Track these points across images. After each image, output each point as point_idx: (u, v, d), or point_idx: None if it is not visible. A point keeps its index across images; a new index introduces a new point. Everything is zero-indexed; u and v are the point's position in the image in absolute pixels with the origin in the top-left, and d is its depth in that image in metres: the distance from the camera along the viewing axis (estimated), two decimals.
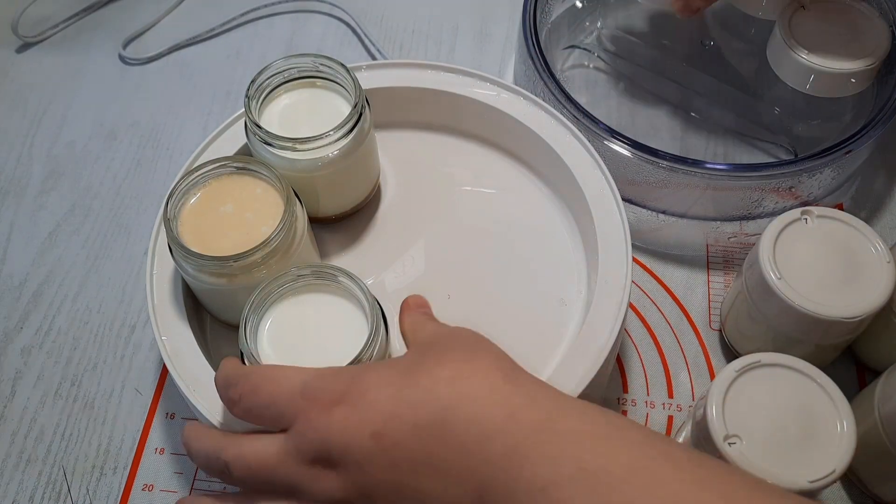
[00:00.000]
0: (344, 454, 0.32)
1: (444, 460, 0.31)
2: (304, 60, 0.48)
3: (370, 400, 0.33)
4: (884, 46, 0.53)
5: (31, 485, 0.49)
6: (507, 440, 0.30)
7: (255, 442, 0.35)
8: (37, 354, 0.54)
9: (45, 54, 0.71)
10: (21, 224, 0.61)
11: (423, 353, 0.35)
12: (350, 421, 0.32)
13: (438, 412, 0.31)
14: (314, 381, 0.34)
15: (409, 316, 0.40)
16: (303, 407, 0.34)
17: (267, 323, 0.41)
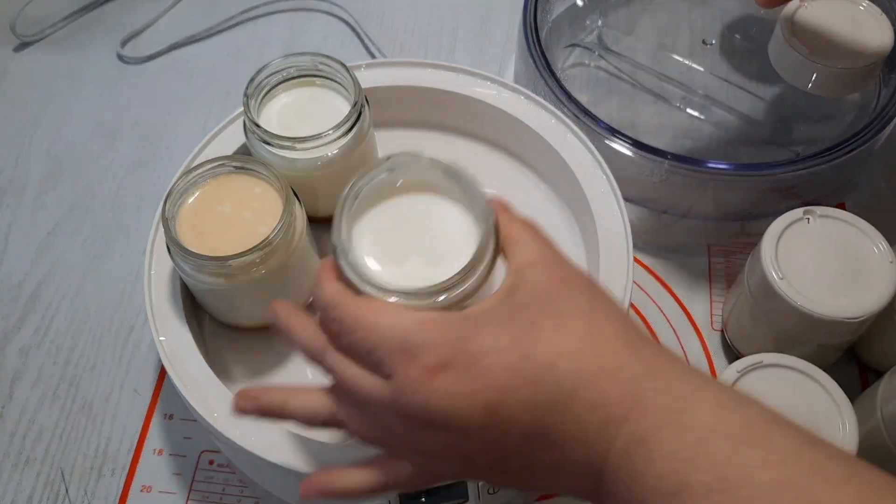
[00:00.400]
0: (447, 421, 0.30)
1: (561, 439, 0.29)
2: (304, 59, 0.48)
3: (483, 368, 0.29)
4: (886, 45, 0.53)
5: (29, 486, 0.49)
6: (634, 430, 0.28)
7: (358, 372, 0.32)
8: (35, 355, 0.54)
9: (44, 53, 0.70)
10: (20, 224, 0.60)
11: (540, 307, 0.31)
12: (459, 389, 0.29)
13: (559, 392, 0.29)
14: (417, 335, 0.30)
15: (513, 222, 0.35)
16: (403, 363, 0.30)
17: (364, 219, 0.36)
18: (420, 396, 0.30)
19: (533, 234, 0.34)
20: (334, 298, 0.33)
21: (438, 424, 0.30)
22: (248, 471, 0.43)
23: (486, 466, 0.31)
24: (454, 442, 0.30)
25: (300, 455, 0.39)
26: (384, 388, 0.31)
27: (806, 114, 0.59)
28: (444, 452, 0.31)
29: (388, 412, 0.31)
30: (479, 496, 0.41)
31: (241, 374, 0.46)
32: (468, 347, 0.30)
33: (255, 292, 0.44)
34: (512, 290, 0.32)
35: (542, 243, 0.34)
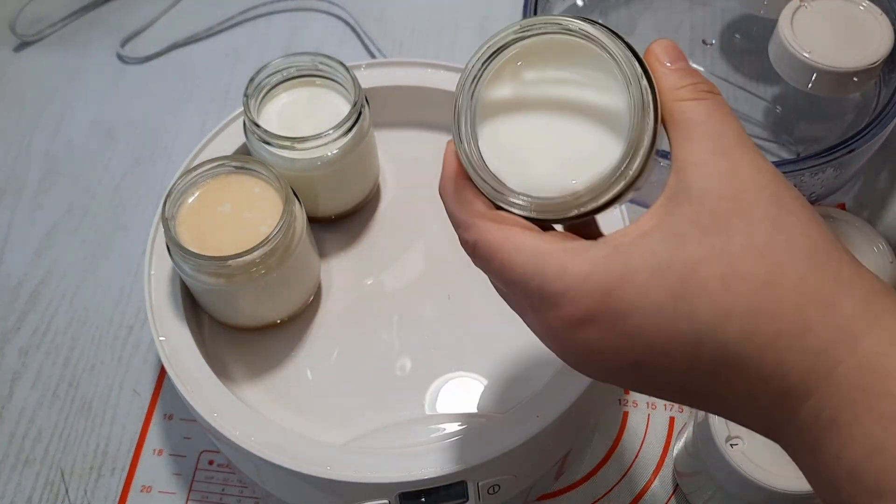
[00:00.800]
0: (594, 367, 0.27)
1: (728, 402, 0.25)
2: (303, 59, 0.47)
3: (632, 326, 0.25)
4: (886, 45, 0.53)
5: (28, 486, 0.49)
6: (821, 409, 0.23)
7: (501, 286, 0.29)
8: (34, 355, 0.54)
9: (43, 53, 0.70)
10: (18, 224, 0.60)
11: (705, 240, 0.24)
12: (603, 346, 0.25)
13: (725, 358, 0.24)
14: (555, 282, 0.26)
15: (679, 88, 0.27)
16: (541, 309, 0.26)
17: (487, 111, 0.30)
18: (563, 346, 0.27)
19: (709, 108, 0.26)
20: (463, 217, 0.29)
21: (587, 365, 0.27)
22: (248, 471, 0.43)
23: (636, 388, 0.28)
24: (602, 375, 0.27)
25: (300, 455, 0.39)
26: (525, 314, 0.28)
27: (806, 114, 0.59)
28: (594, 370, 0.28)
29: (533, 326, 0.28)
30: (478, 496, 0.41)
31: (241, 374, 0.46)
32: (614, 301, 0.25)
33: (254, 292, 0.44)
34: (673, 204, 0.25)
35: (719, 123, 0.26)
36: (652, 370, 0.25)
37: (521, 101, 0.29)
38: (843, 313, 0.23)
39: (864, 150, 0.52)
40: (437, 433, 0.44)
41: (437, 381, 0.46)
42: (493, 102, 0.30)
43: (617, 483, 0.48)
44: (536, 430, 0.39)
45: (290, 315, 0.48)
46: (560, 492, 0.48)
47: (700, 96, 0.26)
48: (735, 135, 0.26)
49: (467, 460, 0.39)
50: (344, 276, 0.50)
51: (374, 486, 0.39)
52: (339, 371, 0.46)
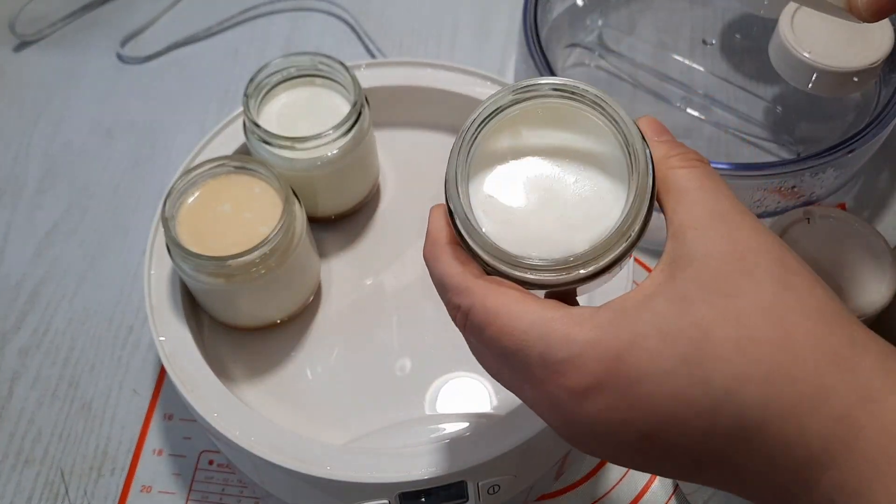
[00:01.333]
0: (598, 441, 0.25)
1: (742, 471, 0.24)
2: (303, 59, 0.47)
3: (641, 395, 0.24)
4: (887, 45, 0.53)
5: (28, 486, 0.49)
6: (845, 478, 0.22)
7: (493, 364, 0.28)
8: (34, 355, 0.54)
9: (43, 53, 0.70)
10: (18, 224, 0.60)
11: (713, 303, 0.23)
12: (610, 416, 0.24)
13: (743, 423, 0.23)
14: (562, 348, 0.24)
15: (672, 157, 0.27)
16: (544, 379, 0.25)
17: (481, 171, 0.29)
18: (566, 419, 0.25)
19: (700, 175, 0.26)
20: (455, 281, 0.27)
21: (589, 440, 0.26)
22: (248, 471, 0.43)
23: (642, 467, 0.26)
24: (604, 452, 0.26)
25: (300, 455, 0.39)
26: (522, 388, 0.27)
27: (806, 114, 0.59)
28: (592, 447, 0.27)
29: (530, 401, 0.27)
30: (478, 496, 0.41)
31: (241, 374, 0.46)
32: (624, 367, 0.24)
33: (254, 292, 0.44)
34: (675, 268, 0.25)
35: (712, 190, 0.26)
36: (663, 442, 0.24)
37: (515, 163, 0.29)
38: (862, 375, 0.22)
39: (865, 150, 0.52)
40: (437, 433, 0.44)
41: (437, 381, 0.46)
42: (487, 162, 0.29)
43: (617, 483, 0.48)
44: (536, 430, 0.39)
45: (290, 315, 0.48)
46: (560, 492, 0.48)
47: (691, 164, 0.26)
48: (729, 200, 0.26)
49: (467, 460, 0.39)
50: (344, 276, 0.50)
51: (374, 486, 0.39)
52: (339, 371, 0.46)
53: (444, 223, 0.28)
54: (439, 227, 0.28)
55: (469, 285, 0.27)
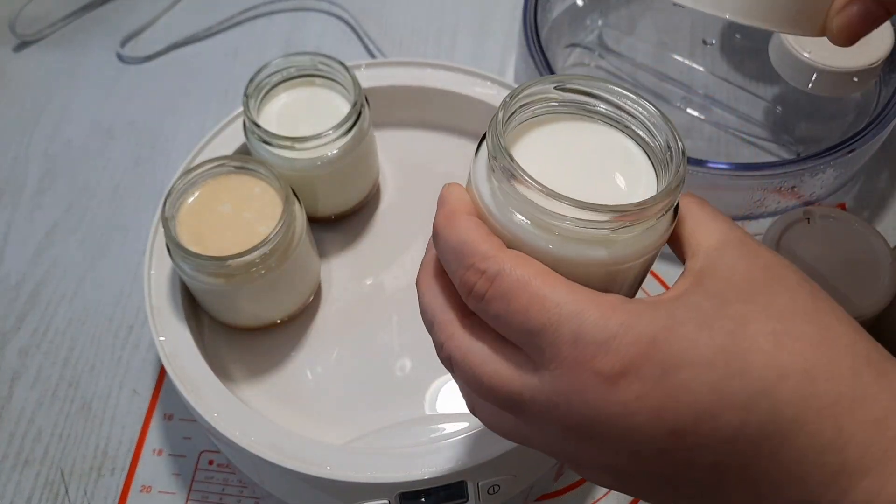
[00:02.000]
0: (620, 441, 0.24)
1: (768, 478, 0.23)
2: (303, 59, 0.47)
3: (678, 383, 0.22)
4: (887, 45, 0.53)
5: (28, 486, 0.49)
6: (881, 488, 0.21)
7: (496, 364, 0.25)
8: (34, 355, 0.54)
9: (43, 53, 0.70)
10: (18, 224, 0.60)
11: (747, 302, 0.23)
12: (642, 405, 0.23)
13: (777, 423, 0.22)
14: (596, 327, 0.23)
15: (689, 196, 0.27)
16: (573, 362, 0.23)
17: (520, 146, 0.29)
18: (590, 409, 0.23)
19: (713, 210, 0.27)
20: (484, 247, 0.25)
21: (606, 442, 0.24)
22: (248, 471, 0.43)
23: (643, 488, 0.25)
24: (617, 461, 0.24)
25: (300, 455, 0.39)
26: (536, 387, 0.24)
27: (806, 114, 0.59)
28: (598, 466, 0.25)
29: (538, 415, 0.25)
30: (478, 496, 0.41)
31: (241, 374, 0.46)
32: (660, 352, 0.23)
33: (254, 292, 0.44)
34: (703, 276, 0.24)
35: (724, 222, 0.26)
36: (692, 441, 0.23)
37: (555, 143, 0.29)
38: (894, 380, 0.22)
39: (865, 150, 0.52)
40: (437, 433, 0.44)
41: (437, 381, 0.46)
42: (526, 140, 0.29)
43: None
44: None
45: (290, 315, 0.48)
46: (560, 492, 0.48)
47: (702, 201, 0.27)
48: (744, 232, 0.26)
49: (467, 460, 0.39)
50: (344, 276, 0.50)
51: (374, 486, 0.39)
52: (339, 371, 0.46)
53: (463, 194, 0.27)
54: (458, 198, 0.27)
55: (498, 252, 0.25)
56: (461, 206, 0.27)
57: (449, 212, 0.27)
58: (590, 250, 0.25)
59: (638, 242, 0.26)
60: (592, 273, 0.26)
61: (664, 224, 0.27)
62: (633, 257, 0.26)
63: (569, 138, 0.29)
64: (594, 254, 0.25)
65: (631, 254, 0.26)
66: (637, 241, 0.26)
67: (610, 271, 0.26)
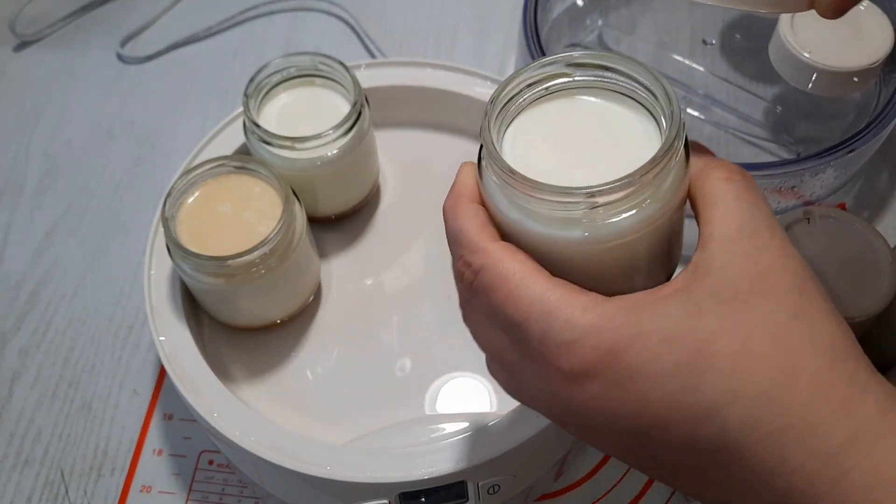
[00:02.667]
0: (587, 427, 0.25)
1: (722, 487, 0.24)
2: (303, 59, 0.47)
3: (635, 392, 0.23)
4: (887, 45, 0.53)
5: (28, 486, 0.49)
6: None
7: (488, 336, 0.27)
8: (34, 355, 0.54)
9: (43, 53, 0.70)
10: (18, 223, 0.60)
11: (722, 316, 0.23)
12: (600, 405, 0.24)
13: (725, 442, 0.23)
14: (562, 329, 0.24)
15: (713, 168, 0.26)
16: (539, 355, 0.25)
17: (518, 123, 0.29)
18: (558, 398, 0.25)
19: (738, 189, 0.26)
20: (474, 238, 0.27)
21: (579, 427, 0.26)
22: (248, 471, 0.43)
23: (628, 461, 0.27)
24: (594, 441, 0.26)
25: (300, 455, 0.39)
26: (521, 366, 0.26)
27: (806, 114, 0.59)
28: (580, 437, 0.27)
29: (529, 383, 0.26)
30: (478, 496, 0.41)
31: (241, 374, 0.46)
32: (621, 361, 0.23)
33: (254, 292, 0.44)
34: (694, 276, 0.24)
35: (748, 204, 0.25)
36: (650, 443, 0.24)
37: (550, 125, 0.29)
38: (858, 416, 0.22)
39: (865, 150, 0.52)
40: (437, 433, 0.44)
41: (437, 381, 0.46)
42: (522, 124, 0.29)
43: (617, 483, 0.48)
44: (536, 430, 0.39)
45: (290, 315, 0.48)
46: (560, 492, 0.48)
47: (731, 177, 0.26)
48: (764, 217, 0.25)
49: (467, 460, 0.39)
50: (344, 276, 0.50)
51: (374, 486, 0.39)
52: (339, 371, 0.46)
53: (472, 179, 0.28)
54: (465, 182, 0.28)
55: (486, 245, 0.26)
56: (466, 190, 0.28)
57: (454, 196, 0.28)
58: (575, 232, 0.26)
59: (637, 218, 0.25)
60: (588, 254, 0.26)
61: (665, 197, 0.26)
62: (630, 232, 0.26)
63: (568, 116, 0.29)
64: (580, 235, 0.26)
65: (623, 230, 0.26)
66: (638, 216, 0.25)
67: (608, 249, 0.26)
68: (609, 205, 0.25)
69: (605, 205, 0.25)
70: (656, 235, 0.27)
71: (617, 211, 0.25)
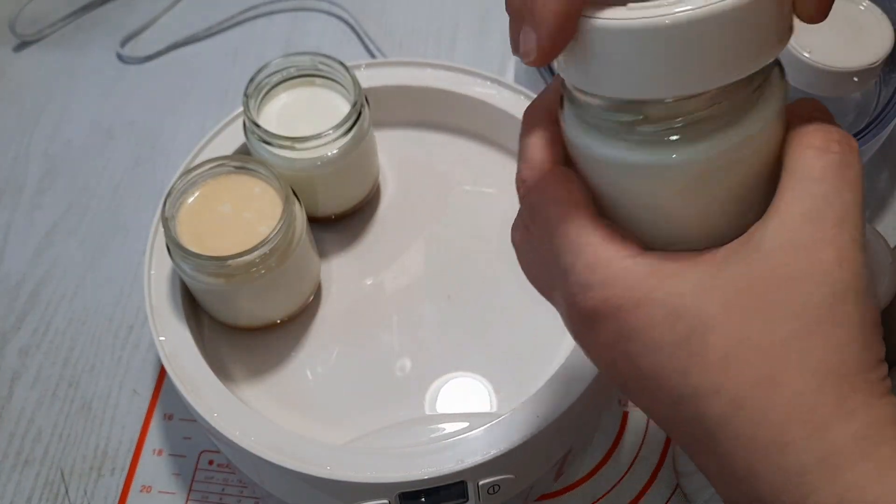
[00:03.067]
0: (591, 359, 0.27)
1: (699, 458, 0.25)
2: (303, 59, 0.47)
3: (626, 352, 0.24)
4: (887, 45, 0.53)
5: (28, 486, 0.49)
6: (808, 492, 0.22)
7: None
8: (34, 355, 0.54)
9: (43, 53, 0.70)
10: (18, 223, 0.60)
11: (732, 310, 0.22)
12: (601, 353, 0.25)
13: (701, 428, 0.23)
14: (581, 273, 0.24)
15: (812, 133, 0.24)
16: (562, 285, 0.26)
17: None
18: (570, 327, 0.26)
19: (828, 165, 0.23)
20: (535, 155, 0.27)
21: (587, 354, 0.27)
22: (248, 471, 0.43)
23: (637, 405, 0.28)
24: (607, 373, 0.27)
25: (300, 455, 0.39)
26: (549, 284, 0.27)
27: None
28: None
29: (557, 304, 0.27)
30: (478, 496, 0.41)
31: (241, 374, 0.46)
32: (624, 320, 0.24)
33: (254, 292, 0.44)
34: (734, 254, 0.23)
35: (829, 187, 0.23)
36: (641, 395, 0.25)
37: None
38: (832, 440, 0.21)
39: (865, 151, 0.52)
40: (437, 433, 0.44)
41: (437, 381, 0.46)
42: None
43: (617, 483, 0.48)
44: (536, 430, 0.39)
45: (290, 315, 0.48)
46: (560, 492, 0.48)
47: (827, 148, 0.23)
48: (842, 207, 0.22)
49: (467, 460, 0.39)
50: (344, 276, 0.50)
51: (374, 486, 0.39)
52: (339, 371, 0.46)
53: (555, 93, 0.27)
54: (546, 95, 0.28)
55: (543, 165, 0.26)
56: (545, 103, 0.27)
57: (533, 106, 0.28)
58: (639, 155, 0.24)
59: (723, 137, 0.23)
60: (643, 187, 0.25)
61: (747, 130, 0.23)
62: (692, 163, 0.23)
63: None
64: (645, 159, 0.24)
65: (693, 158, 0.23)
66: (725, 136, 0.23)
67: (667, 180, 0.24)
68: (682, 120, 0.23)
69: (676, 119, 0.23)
70: (730, 177, 0.24)
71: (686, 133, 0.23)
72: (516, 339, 0.46)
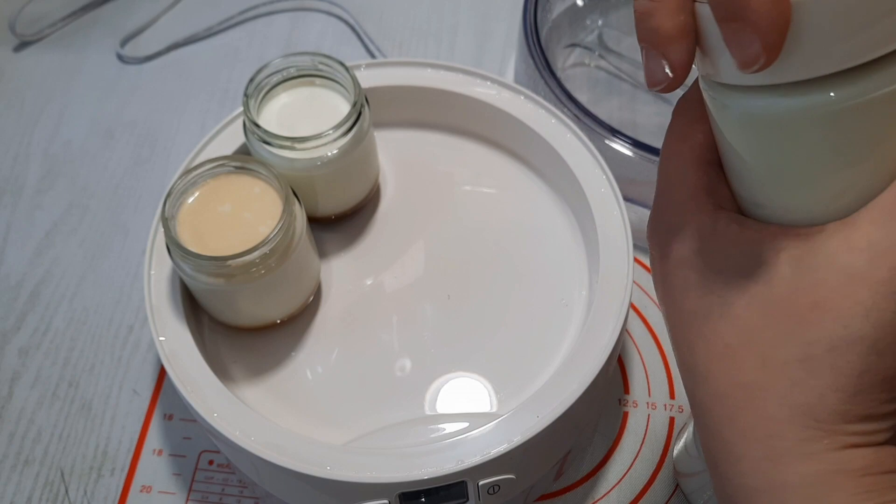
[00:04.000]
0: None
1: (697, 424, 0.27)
2: (303, 59, 0.47)
3: (666, 299, 0.26)
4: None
5: (28, 486, 0.49)
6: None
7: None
8: (34, 355, 0.54)
9: (43, 53, 0.70)
10: (18, 224, 0.60)
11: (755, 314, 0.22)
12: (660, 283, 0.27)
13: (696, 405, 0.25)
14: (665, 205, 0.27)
15: None
16: (652, 217, 0.28)
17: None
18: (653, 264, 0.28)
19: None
20: (687, 108, 0.27)
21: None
22: (248, 471, 0.43)
23: None
24: None
25: (300, 455, 0.39)
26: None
27: None
28: None
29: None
30: (478, 496, 0.41)
31: (241, 374, 0.46)
32: (672, 270, 0.25)
33: (254, 292, 0.44)
34: (809, 248, 0.22)
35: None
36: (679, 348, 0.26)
37: None
38: (783, 475, 0.22)
39: None
40: (437, 433, 0.44)
41: (437, 381, 0.46)
42: None
43: (617, 483, 0.48)
44: (536, 430, 0.39)
45: (290, 315, 0.48)
46: (560, 492, 0.48)
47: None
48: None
49: (467, 460, 0.39)
50: (344, 276, 0.50)
51: (374, 486, 0.39)
52: (339, 371, 0.46)
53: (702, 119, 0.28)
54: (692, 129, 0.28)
55: (690, 118, 0.27)
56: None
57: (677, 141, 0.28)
58: (775, 101, 0.22)
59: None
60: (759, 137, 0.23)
61: None
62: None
63: None
64: (784, 105, 0.22)
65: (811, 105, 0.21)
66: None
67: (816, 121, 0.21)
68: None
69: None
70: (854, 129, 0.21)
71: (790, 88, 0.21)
72: (516, 339, 0.46)
